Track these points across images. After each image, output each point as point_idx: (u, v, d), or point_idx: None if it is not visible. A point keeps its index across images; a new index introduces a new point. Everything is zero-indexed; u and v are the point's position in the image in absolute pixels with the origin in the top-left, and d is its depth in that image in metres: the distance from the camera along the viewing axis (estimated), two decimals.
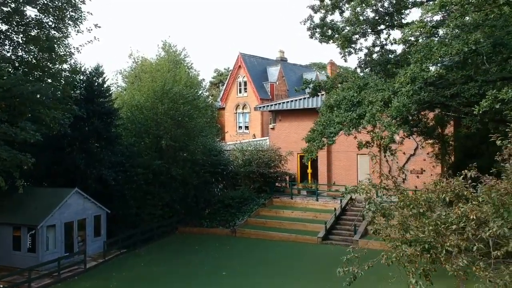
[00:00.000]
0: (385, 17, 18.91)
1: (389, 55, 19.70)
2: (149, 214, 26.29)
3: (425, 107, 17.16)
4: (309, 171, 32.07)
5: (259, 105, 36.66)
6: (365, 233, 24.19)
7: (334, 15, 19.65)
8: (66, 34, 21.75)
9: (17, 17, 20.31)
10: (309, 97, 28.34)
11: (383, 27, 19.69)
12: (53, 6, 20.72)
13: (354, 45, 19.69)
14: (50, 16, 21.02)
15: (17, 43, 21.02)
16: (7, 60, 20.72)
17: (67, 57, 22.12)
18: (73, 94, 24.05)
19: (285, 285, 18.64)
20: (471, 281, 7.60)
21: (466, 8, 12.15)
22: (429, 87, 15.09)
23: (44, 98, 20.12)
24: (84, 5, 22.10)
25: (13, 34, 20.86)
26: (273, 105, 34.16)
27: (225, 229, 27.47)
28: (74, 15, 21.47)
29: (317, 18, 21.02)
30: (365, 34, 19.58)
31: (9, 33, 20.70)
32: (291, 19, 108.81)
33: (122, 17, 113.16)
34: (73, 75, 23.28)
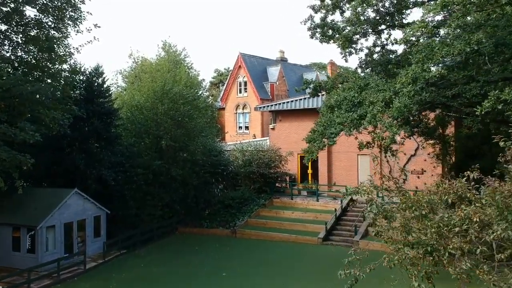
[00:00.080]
0: (386, 17, 18.87)
1: (390, 55, 19.64)
2: (149, 215, 26.21)
3: (426, 107, 17.08)
4: (310, 172, 32.00)
5: (259, 105, 36.57)
6: (365, 233, 24.13)
7: (335, 15, 19.61)
8: (66, 34, 21.72)
9: (16, 17, 20.26)
10: (310, 97, 28.26)
11: (383, 27, 19.63)
12: (53, 6, 20.68)
13: (354, 45, 19.64)
14: (49, 16, 20.97)
15: (16, 43, 20.98)
16: (7, 60, 20.66)
17: (66, 57, 22.11)
18: (73, 94, 24.02)
19: (286, 286, 18.60)
20: (474, 284, 7.52)
21: (468, 8, 12.08)
22: (430, 87, 15.01)
23: (43, 99, 20.06)
24: (84, 5, 22.10)
25: (13, 34, 20.82)
26: (273, 105, 34.08)
27: (225, 229, 27.40)
28: (74, 15, 21.45)
29: (317, 18, 21.05)
30: (365, 34, 19.52)
31: (8, 33, 20.65)
32: (291, 19, 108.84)
33: (122, 17, 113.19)
34: (73, 75, 23.27)
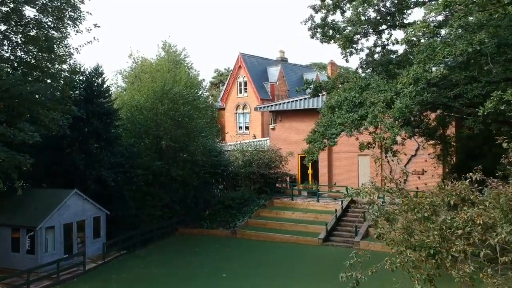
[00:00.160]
0: (386, 17, 18.77)
1: (390, 55, 19.55)
2: (148, 215, 26.13)
3: (427, 108, 17.00)
4: (310, 172, 31.92)
5: (259, 106, 36.48)
6: (366, 234, 24.05)
7: (335, 15, 19.52)
8: (65, 34, 21.64)
9: (15, 17, 20.18)
10: (310, 98, 28.18)
11: (384, 27, 19.53)
12: (52, 6, 20.59)
13: (355, 45, 19.53)
14: (49, 16, 20.88)
15: (16, 43, 20.88)
16: (6, 61, 20.58)
17: (66, 58, 22.01)
18: (73, 94, 23.93)
19: (286, 287, 18.53)
20: (477, 287, 7.44)
21: (471, 8, 11.98)
22: (432, 88, 14.92)
23: (43, 99, 19.98)
24: (83, 5, 22.03)
25: (12, 34, 20.73)
26: (273, 105, 34.00)
27: (225, 230, 27.32)
28: (73, 15, 21.36)
29: (318, 18, 20.93)
30: (366, 34, 19.42)
31: (7, 33, 20.57)
32: (292, 19, 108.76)
33: (122, 17, 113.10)
34: (73, 75, 23.18)
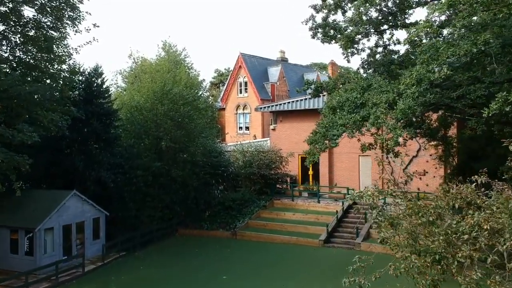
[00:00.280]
0: (388, 17, 18.62)
1: (392, 55, 19.39)
2: (148, 216, 25.98)
3: (430, 109, 16.83)
4: (311, 173, 31.76)
5: (259, 106, 36.31)
6: (367, 236, 23.90)
7: (337, 15, 19.35)
8: (65, 34, 21.52)
9: (14, 17, 20.04)
10: (311, 98, 28.02)
11: (386, 27, 19.38)
12: (51, 6, 20.46)
13: (356, 46, 19.38)
14: (48, 16, 20.75)
15: (15, 43, 20.77)
16: (5, 61, 20.45)
17: (65, 58, 21.89)
18: (72, 95, 23.81)
19: None
20: None
21: (475, 7, 11.82)
22: (435, 88, 14.76)
23: (42, 99, 19.83)
24: (82, 5, 21.91)
25: (11, 34, 20.61)
26: (274, 105, 33.82)
27: (225, 231, 27.16)
28: (72, 15, 21.27)
29: (319, 18, 20.71)
30: (367, 34, 19.26)
31: (6, 33, 20.44)
32: (292, 19, 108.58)
33: (122, 17, 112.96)
34: (72, 75, 23.05)
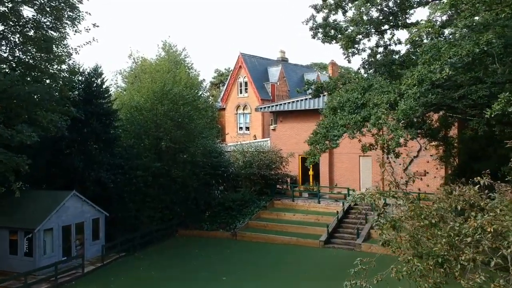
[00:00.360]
0: (389, 17, 18.55)
1: (393, 55, 19.31)
2: (148, 217, 25.91)
3: (431, 109, 16.74)
4: (311, 173, 31.65)
5: (260, 106, 36.20)
6: (368, 236, 23.83)
7: (337, 15, 19.28)
8: (64, 34, 21.43)
9: (13, 17, 19.95)
10: (311, 98, 27.93)
11: (387, 27, 19.30)
12: (50, 6, 20.37)
13: (357, 46, 19.31)
14: (47, 16, 20.66)
15: (14, 43, 20.68)
16: (4, 61, 20.36)
17: (65, 58, 21.81)
18: (71, 95, 23.71)
19: None
20: None
21: (478, 7, 11.73)
22: (436, 89, 14.68)
23: (41, 100, 19.75)
24: (82, 5, 21.80)
25: (10, 34, 20.52)
26: (274, 106, 33.71)
27: (225, 232, 27.08)
28: (72, 15, 21.18)
29: (319, 18, 20.66)
30: (368, 34, 19.20)
31: (6, 33, 20.35)
32: (292, 19, 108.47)
33: (122, 17, 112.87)
34: (72, 76, 22.96)
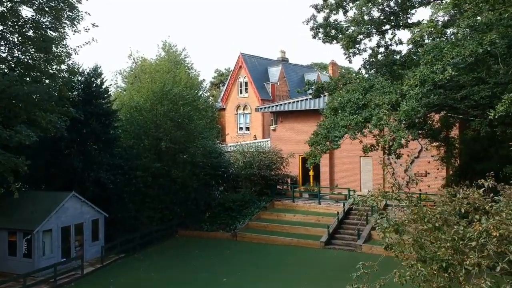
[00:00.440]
0: (390, 17, 18.42)
1: (394, 55, 19.18)
2: (148, 217, 25.81)
3: (433, 110, 16.62)
4: (311, 174, 31.53)
5: (260, 106, 36.09)
6: (368, 237, 23.73)
7: (338, 15, 19.14)
8: (63, 34, 21.32)
9: (12, 17, 19.84)
10: (311, 98, 27.80)
11: (388, 27, 19.17)
12: (49, 6, 20.26)
13: (358, 46, 19.17)
14: (46, 16, 20.55)
15: (13, 43, 20.57)
16: (3, 61, 20.25)
17: (64, 58, 21.70)
18: (71, 95, 23.60)
19: None
20: None
21: (481, 7, 11.62)
22: (438, 89, 14.56)
23: (40, 100, 19.64)
24: (81, 5, 21.69)
25: (9, 34, 20.41)
26: (274, 106, 33.59)
27: (225, 232, 26.98)
28: (71, 15, 21.07)
29: (320, 17, 20.53)
30: (369, 35, 19.05)
31: (4, 33, 20.24)
32: (292, 19, 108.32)
33: (121, 17, 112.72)
34: (71, 76, 22.85)
